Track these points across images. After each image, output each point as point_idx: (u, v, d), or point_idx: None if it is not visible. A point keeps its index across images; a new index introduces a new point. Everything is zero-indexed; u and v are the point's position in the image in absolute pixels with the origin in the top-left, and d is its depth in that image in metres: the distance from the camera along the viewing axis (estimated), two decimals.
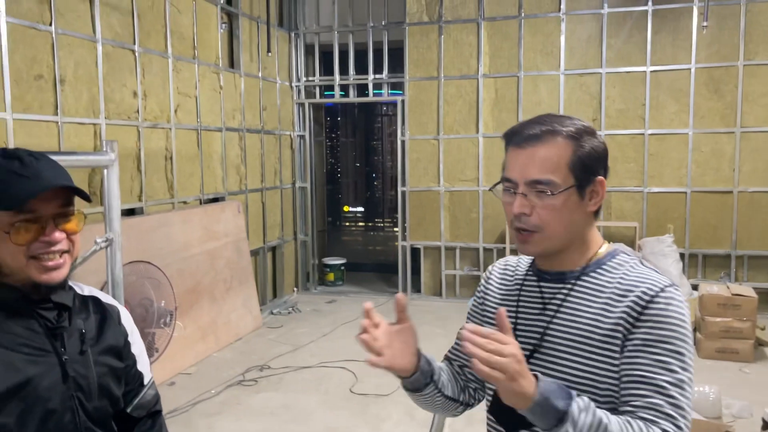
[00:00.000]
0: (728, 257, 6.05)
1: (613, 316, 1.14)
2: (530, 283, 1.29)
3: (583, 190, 1.18)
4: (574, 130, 1.18)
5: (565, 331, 1.19)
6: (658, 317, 1.11)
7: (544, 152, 1.17)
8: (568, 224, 1.18)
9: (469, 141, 6.59)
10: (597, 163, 1.19)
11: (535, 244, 1.20)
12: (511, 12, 6.36)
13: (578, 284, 1.21)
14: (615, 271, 1.20)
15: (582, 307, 1.18)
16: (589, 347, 1.15)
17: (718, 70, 5.91)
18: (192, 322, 4.83)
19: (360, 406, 4.04)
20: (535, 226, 1.18)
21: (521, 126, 1.22)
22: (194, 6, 5.25)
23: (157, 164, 4.82)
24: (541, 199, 1.17)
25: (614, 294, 1.16)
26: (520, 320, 1.26)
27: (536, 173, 1.16)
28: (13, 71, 3.58)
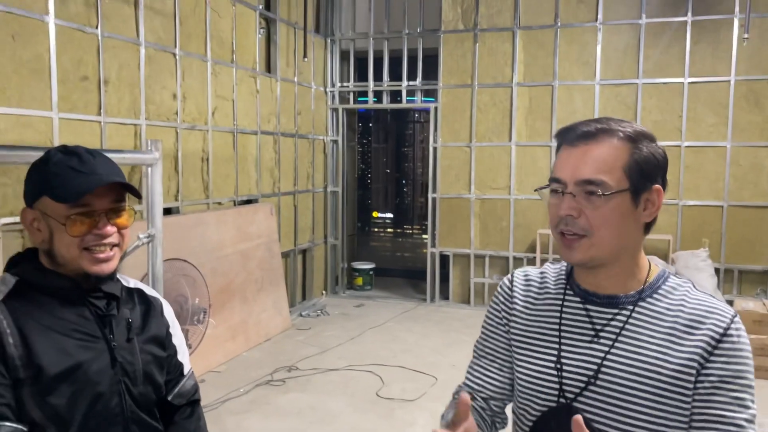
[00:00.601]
0: (765, 273, 5.92)
1: (683, 350, 1.06)
2: (573, 305, 1.16)
3: (638, 197, 1.09)
4: (632, 132, 1.10)
5: (627, 363, 1.08)
6: (733, 351, 1.05)
7: (598, 151, 1.08)
8: (618, 232, 1.08)
9: (501, 149, 6.58)
10: (655, 170, 1.10)
11: (582, 250, 1.08)
12: (547, 21, 6.35)
13: (636, 311, 1.11)
14: (672, 297, 1.11)
15: (644, 338, 1.08)
16: (658, 383, 1.06)
17: (759, 83, 5.80)
18: (223, 321, 4.91)
19: (386, 410, 4.06)
20: (582, 229, 1.08)
21: (576, 124, 1.13)
22: (233, 11, 5.36)
23: (194, 165, 4.93)
24: (590, 201, 1.07)
25: (678, 323, 1.08)
26: (566, 347, 1.14)
27: (588, 173, 1.07)
28: (60, 72, 3.71)
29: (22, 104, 3.49)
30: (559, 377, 1.14)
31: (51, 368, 1.16)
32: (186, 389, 1.41)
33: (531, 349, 1.19)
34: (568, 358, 1.14)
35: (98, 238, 1.21)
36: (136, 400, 1.27)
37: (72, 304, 1.23)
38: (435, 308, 6.72)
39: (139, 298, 1.37)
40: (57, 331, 1.19)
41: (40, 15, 3.55)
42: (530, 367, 1.19)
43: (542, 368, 1.17)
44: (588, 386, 1.11)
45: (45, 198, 1.21)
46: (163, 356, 1.36)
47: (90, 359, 1.21)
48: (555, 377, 1.14)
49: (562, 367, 1.14)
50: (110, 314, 1.27)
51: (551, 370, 1.15)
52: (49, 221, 1.21)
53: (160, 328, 1.37)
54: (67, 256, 1.21)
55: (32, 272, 1.23)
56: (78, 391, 1.19)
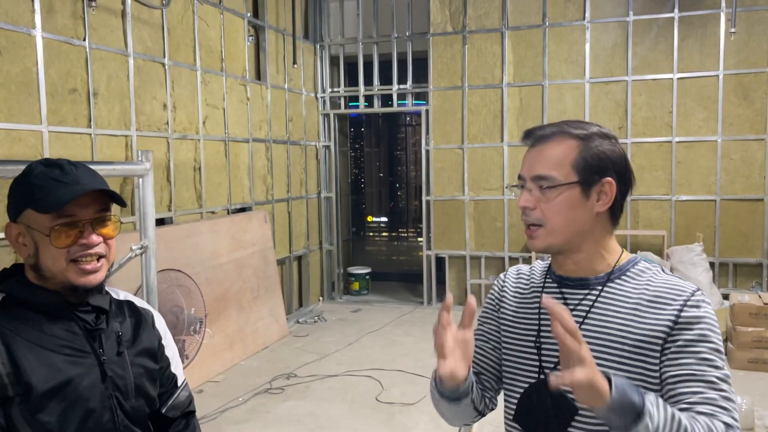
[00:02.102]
0: (760, 266, 5.94)
1: (645, 323, 1.16)
2: (551, 290, 1.28)
3: (588, 189, 1.20)
4: (585, 133, 1.21)
5: (595, 338, 1.18)
6: (695, 318, 1.14)
7: (550, 151, 1.21)
8: (569, 220, 1.20)
9: (493, 150, 6.59)
10: (604, 164, 1.20)
11: (540, 238, 1.22)
12: (535, 21, 6.37)
13: (605, 291, 1.22)
14: (639, 278, 1.22)
15: (610, 314, 1.19)
16: (622, 353, 1.16)
17: (747, 77, 5.83)
18: (220, 331, 4.89)
19: (386, 415, 4.04)
20: (537, 219, 1.21)
21: (535, 128, 1.26)
22: (222, 19, 5.36)
23: (186, 175, 4.91)
24: (543, 194, 1.20)
25: (642, 300, 1.18)
26: (544, 328, 1.25)
27: (540, 169, 1.20)
28: (49, 85, 3.69)
29: (11, 119, 3.47)
30: (538, 354, 1.25)
31: (40, 385, 1.14)
32: (180, 401, 1.39)
33: (515, 332, 1.32)
34: (545, 338, 1.25)
35: (84, 248, 1.20)
36: (128, 414, 1.26)
37: (60, 319, 1.22)
38: (432, 311, 6.71)
39: (130, 311, 1.36)
40: (45, 347, 1.18)
41: (27, 29, 3.54)
42: (514, 348, 1.31)
43: (523, 348, 1.29)
44: None
45: (28, 211, 1.20)
46: (155, 369, 1.35)
47: (80, 375, 1.20)
48: (535, 354, 1.26)
49: (541, 345, 1.25)
50: (99, 328, 1.25)
51: (531, 349, 1.27)
52: (34, 234, 1.20)
53: (152, 340, 1.36)
54: (54, 269, 1.20)
55: (19, 288, 1.22)
56: (68, 408, 1.17)
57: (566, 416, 1.19)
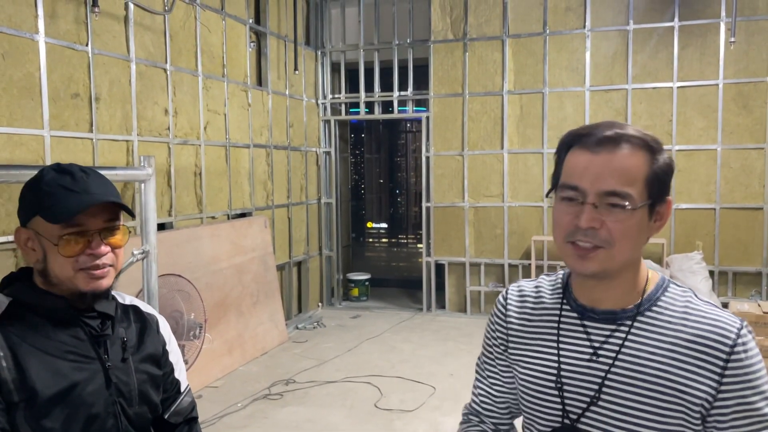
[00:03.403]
0: (759, 275, 5.94)
1: (686, 368, 1.03)
2: (571, 321, 1.13)
3: (653, 209, 1.05)
4: (650, 140, 1.05)
5: (628, 383, 1.05)
6: (745, 369, 1.02)
7: (621, 161, 1.02)
8: (635, 245, 1.04)
9: (493, 157, 6.60)
10: (669, 181, 1.06)
11: (599, 261, 1.03)
12: (535, 29, 6.39)
13: (635, 326, 1.07)
14: (673, 310, 1.08)
15: (645, 354, 1.05)
16: (660, 402, 1.03)
17: (747, 86, 5.85)
18: (219, 336, 4.89)
19: (385, 422, 4.04)
20: (603, 241, 1.02)
21: (592, 128, 1.06)
22: (224, 25, 5.38)
23: (187, 180, 4.92)
24: (613, 214, 1.01)
25: (681, 339, 1.05)
26: (565, 365, 1.11)
27: (613, 184, 1.01)
28: (51, 90, 3.70)
29: (14, 123, 3.48)
30: (561, 397, 1.11)
31: (45, 391, 1.15)
32: (183, 407, 1.40)
33: (531, 367, 1.17)
34: (568, 377, 1.11)
35: (92, 258, 1.20)
36: (131, 420, 1.26)
37: (66, 324, 1.22)
38: (431, 317, 6.71)
39: (135, 316, 1.36)
40: (50, 353, 1.18)
41: (30, 34, 3.56)
42: (532, 386, 1.16)
43: (544, 387, 1.14)
44: (590, 406, 1.08)
45: (38, 218, 1.20)
46: (159, 374, 1.35)
47: (84, 381, 1.20)
48: (557, 397, 1.12)
49: (563, 386, 1.11)
50: (104, 334, 1.26)
51: (553, 390, 1.12)
52: (43, 241, 1.20)
53: (156, 346, 1.36)
54: (61, 276, 1.20)
55: (26, 292, 1.22)
56: (72, 414, 1.18)
57: None
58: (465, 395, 4.69)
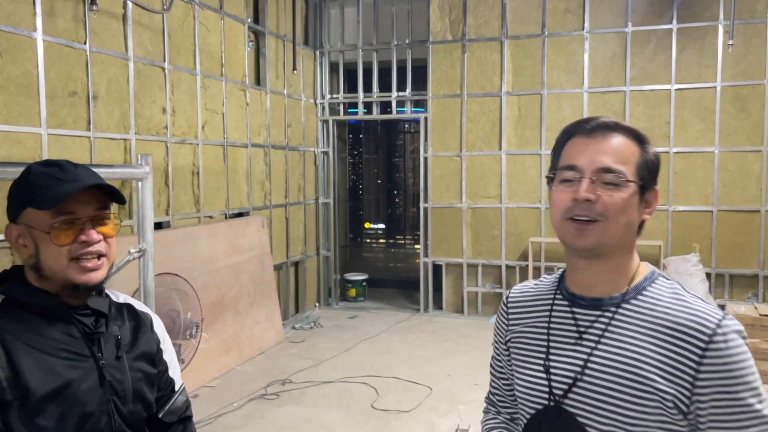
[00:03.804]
0: (756, 277, 5.95)
1: (664, 355, 1.07)
2: (561, 308, 1.20)
3: (643, 194, 1.14)
4: (641, 134, 1.16)
5: (608, 364, 1.10)
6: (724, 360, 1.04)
7: (615, 143, 1.12)
8: (628, 222, 1.11)
9: (491, 158, 6.60)
10: (656, 172, 1.17)
11: (594, 234, 1.09)
12: (534, 30, 6.40)
13: (618, 313, 1.13)
14: (657, 300, 1.12)
15: (626, 339, 1.10)
16: (638, 384, 1.07)
17: (745, 89, 5.87)
18: (216, 335, 4.88)
19: (381, 422, 4.03)
20: (599, 214, 1.09)
21: (590, 118, 1.17)
22: (222, 25, 5.37)
23: (184, 179, 4.92)
24: (608, 189, 1.10)
25: (661, 327, 1.09)
26: (553, 348, 1.18)
27: (608, 161, 1.10)
28: (49, 88, 3.70)
29: (11, 121, 3.47)
30: (547, 379, 1.17)
31: (38, 389, 1.14)
32: (177, 406, 1.39)
33: (524, 353, 1.24)
34: (555, 360, 1.17)
35: (84, 245, 1.20)
36: (125, 418, 1.26)
37: (59, 322, 1.22)
38: (428, 318, 6.71)
39: (129, 314, 1.36)
40: (44, 350, 1.18)
41: (28, 31, 3.55)
42: (523, 370, 1.23)
43: (533, 371, 1.20)
44: (573, 387, 1.14)
45: (29, 210, 1.20)
46: (154, 373, 1.34)
47: (78, 378, 1.19)
48: (544, 379, 1.18)
49: (550, 368, 1.17)
50: (98, 332, 1.25)
51: (540, 373, 1.19)
52: (34, 233, 1.20)
53: (150, 344, 1.36)
54: (55, 268, 1.20)
55: (18, 289, 1.22)
56: (66, 412, 1.17)
57: None
58: (461, 396, 4.70)
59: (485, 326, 6.28)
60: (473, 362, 5.16)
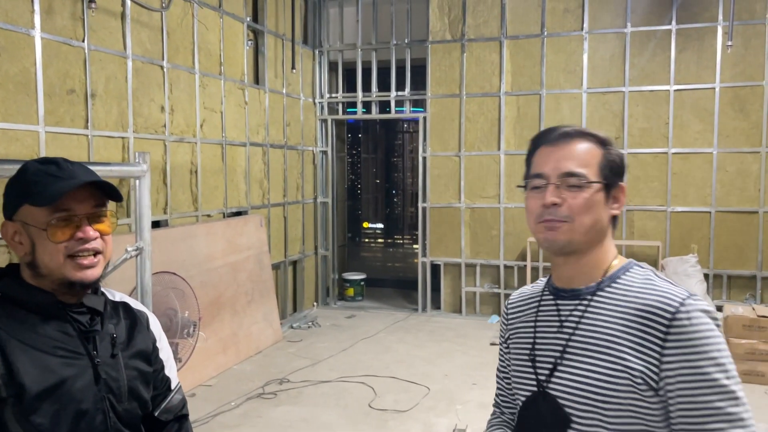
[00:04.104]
0: (754, 278, 5.96)
1: (631, 336, 1.14)
2: (547, 302, 1.30)
3: (609, 191, 1.23)
4: (603, 137, 1.25)
5: (584, 347, 1.19)
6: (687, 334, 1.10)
7: (576, 149, 1.22)
8: (594, 220, 1.20)
9: (490, 158, 6.60)
10: (620, 170, 1.25)
11: (563, 234, 1.20)
12: (533, 31, 6.40)
13: (594, 300, 1.22)
14: (630, 286, 1.20)
15: (599, 323, 1.19)
16: (610, 364, 1.15)
17: (744, 90, 5.87)
18: (213, 334, 4.87)
19: (379, 422, 4.03)
20: (565, 216, 1.19)
21: (554, 127, 1.27)
22: (221, 23, 5.36)
23: (183, 178, 4.91)
24: (572, 191, 1.19)
25: (631, 309, 1.16)
26: (539, 338, 1.27)
27: (570, 165, 1.20)
28: (47, 85, 3.69)
29: (8, 118, 3.46)
30: (533, 367, 1.26)
31: (33, 387, 1.14)
32: (173, 404, 1.38)
33: (516, 349, 1.33)
34: (540, 349, 1.27)
35: (81, 242, 1.20)
36: (120, 417, 1.25)
37: (54, 319, 1.21)
38: (427, 318, 6.71)
39: (125, 312, 1.35)
40: (39, 348, 1.17)
41: (26, 29, 3.54)
42: (515, 363, 1.33)
43: (522, 363, 1.30)
44: (554, 371, 1.23)
45: (25, 207, 1.19)
46: (149, 371, 1.34)
47: (73, 376, 1.19)
48: (530, 368, 1.27)
49: (535, 357, 1.27)
50: (94, 330, 1.25)
51: (527, 363, 1.28)
52: (30, 231, 1.19)
53: (146, 343, 1.35)
54: (51, 265, 1.19)
55: (14, 287, 1.21)
56: (61, 409, 1.16)
57: (561, 427, 1.20)
58: (459, 396, 4.70)
59: (483, 326, 6.27)
60: (471, 362, 5.16)
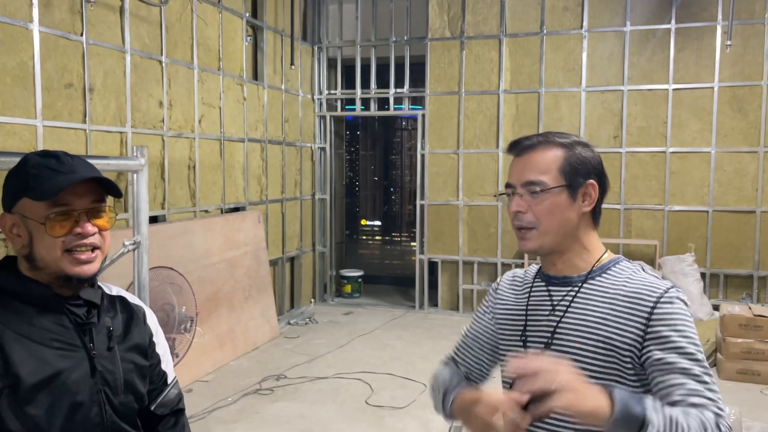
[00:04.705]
0: (750, 278, 5.97)
1: (620, 320, 1.24)
2: (539, 288, 1.38)
3: (574, 191, 1.30)
4: (567, 141, 1.32)
5: (574, 328, 1.28)
6: (668, 314, 1.21)
7: (537, 158, 1.31)
8: (560, 221, 1.29)
9: (488, 156, 6.60)
10: (587, 168, 1.31)
11: (532, 239, 1.30)
12: (533, 28, 6.39)
13: (584, 287, 1.31)
14: (618, 276, 1.30)
15: (589, 308, 1.29)
16: (596, 346, 1.25)
17: (742, 89, 5.87)
18: (210, 330, 4.87)
19: (376, 418, 4.04)
20: (530, 222, 1.29)
21: (521, 138, 1.35)
22: (220, 18, 5.35)
23: (181, 173, 4.90)
24: (533, 198, 1.29)
25: (619, 296, 1.27)
26: (530, 321, 1.36)
27: (529, 175, 1.29)
28: (44, 79, 3.68)
29: (6, 112, 3.46)
30: (524, 347, 1.35)
31: (29, 378, 1.14)
32: (169, 398, 1.39)
33: (508, 329, 1.42)
34: (531, 331, 1.35)
35: (79, 237, 1.20)
36: (116, 409, 1.25)
37: (51, 312, 1.21)
38: (424, 315, 6.71)
39: (122, 306, 1.35)
40: (35, 340, 1.17)
41: (24, 22, 3.53)
42: (505, 344, 1.41)
43: (512, 342, 1.39)
44: (544, 350, 1.31)
45: (24, 200, 1.19)
46: (146, 365, 1.34)
47: (69, 368, 1.19)
48: (521, 347, 1.36)
49: (526, 338, 1.35)
50: (90, 322, 1.25)
51: (518, 342, 1.37)
52: (29, 224, 1.19)
53: (143, 337, 1.35)
54: (48, 258, 1.19)
55: (10, 279, 1.21)
56: (56, 401, 1.17)
57: None
58: None
59: None
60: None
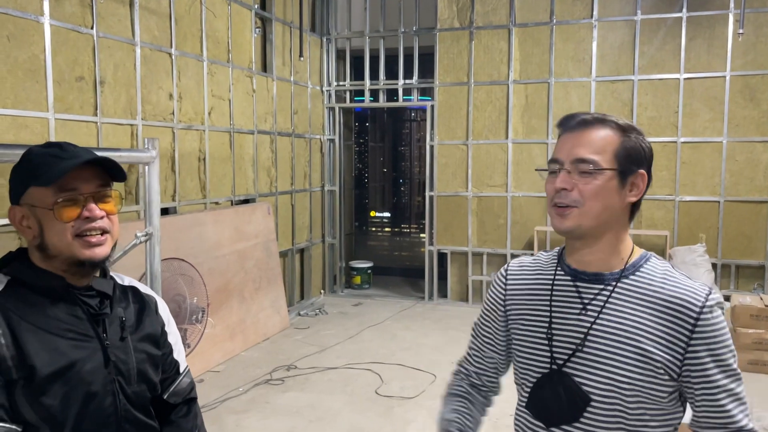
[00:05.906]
0: (762, 268, 5.93)
1: (660, 326, 1.20)
2: (564, 282, 1.30)
3: (624, 178, 1.23)
4: (624, 124, 1.25)
5: (609, 333, 1.22)
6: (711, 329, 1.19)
7: (593, 135, 1.23)
8: (605, 206, 1.22)
9: (498, 147, 6.58)
10: (641, 158, 1.24)
11: (572, 218, 1.22)
12: (542, 18, 6.35)
13: (619, 287, 1.24)
14: (653, 276, 1.24)
15: (626, 311, 1.22)
16: (636, 351, 1.19)
17: (754, 78, 5.82)
18: (221, 321, 4.91)
19: (385, 408, 4.06)
20: (574, 200, 1.21)
21: (576, 113, 1.28)
22: (229, 11, 5.36)
23: (191, 165, 4.93)
24: (582, 177, 1.21)
25: (657, 300, 1.21)
26: (556, 320, 1.28)
27: (583, 152, 1.21)
28: (56, 72, 3.70)
29: (18, 105, 3.49)
30: (549, 346, 1.28)
31: (44, 368, 1.15)
32: (182, 387, 1.41)
33: (525, 324, 1.34)
34: (558, 329, 1.28)
35: (88, 221, 1.21)
36: (130, 399, 1.27)
37: (64, 303, 1.23)
38: (433, 306, 6.73)
39: (134, 297, 1.37)
40: (49, 330, 1.19)
41: (35, 16, 3.55)
42: (525, 340, 1.33)
43: (536, 340, 1.31)
44: (576, 353, 1.25)
45: (31, 189, 1.21)
46: (158, 354, 1.36)
47: (83, 359, 1.21)
48: (546, 346, 1.28)
49: (552, 337, 1.28)
50: (103, 313, 1.26)
51: (543, 340, 1.29)
52: (38, 213, 1.21)
53: (155, 327, 1.37)
54: (60, 245, 1.21)
55: (24, 271, 1.23)
56: (71, 391, 1.18)
57: (579, 405, 1.22)
58: None
59: None
60: None
